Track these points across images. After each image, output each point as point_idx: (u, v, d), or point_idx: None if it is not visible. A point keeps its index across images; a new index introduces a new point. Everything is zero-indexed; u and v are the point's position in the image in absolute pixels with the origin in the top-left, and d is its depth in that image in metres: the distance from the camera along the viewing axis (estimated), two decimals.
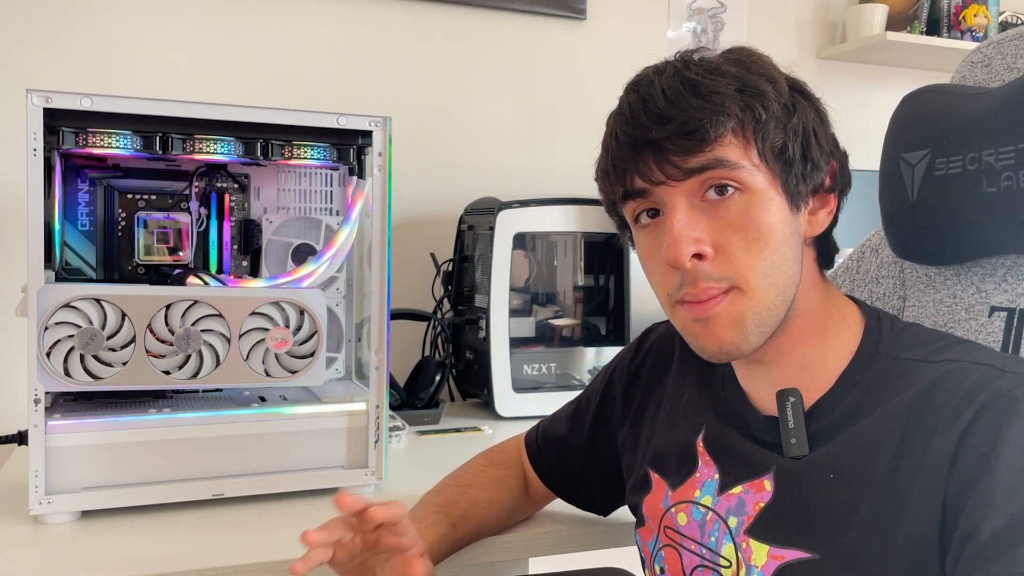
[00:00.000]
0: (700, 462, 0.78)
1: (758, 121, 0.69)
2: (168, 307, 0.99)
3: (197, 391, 1.16)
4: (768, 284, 0.70)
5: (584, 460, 0.95)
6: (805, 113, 0.72)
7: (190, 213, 1.15)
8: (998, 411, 0.63)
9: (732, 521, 0.73)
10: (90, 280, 1.13)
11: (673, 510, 0.79)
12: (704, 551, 0.75)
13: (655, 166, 0.70)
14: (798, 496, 0.70)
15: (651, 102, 0.70)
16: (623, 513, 0.94)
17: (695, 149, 0.68)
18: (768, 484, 0.72)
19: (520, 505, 0.98)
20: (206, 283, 1.07)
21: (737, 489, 0.74)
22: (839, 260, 0.83)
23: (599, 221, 1.57)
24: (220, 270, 1.17)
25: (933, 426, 0.65)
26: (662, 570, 0.80)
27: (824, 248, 0.78)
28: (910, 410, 0.67)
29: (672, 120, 0.69)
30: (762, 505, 0.72)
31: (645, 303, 1.54)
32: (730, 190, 0.69)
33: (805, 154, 0.71)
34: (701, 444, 0.79)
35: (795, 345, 0.74)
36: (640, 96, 0.71)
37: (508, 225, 1.49)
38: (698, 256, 0.69)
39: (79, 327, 0.95)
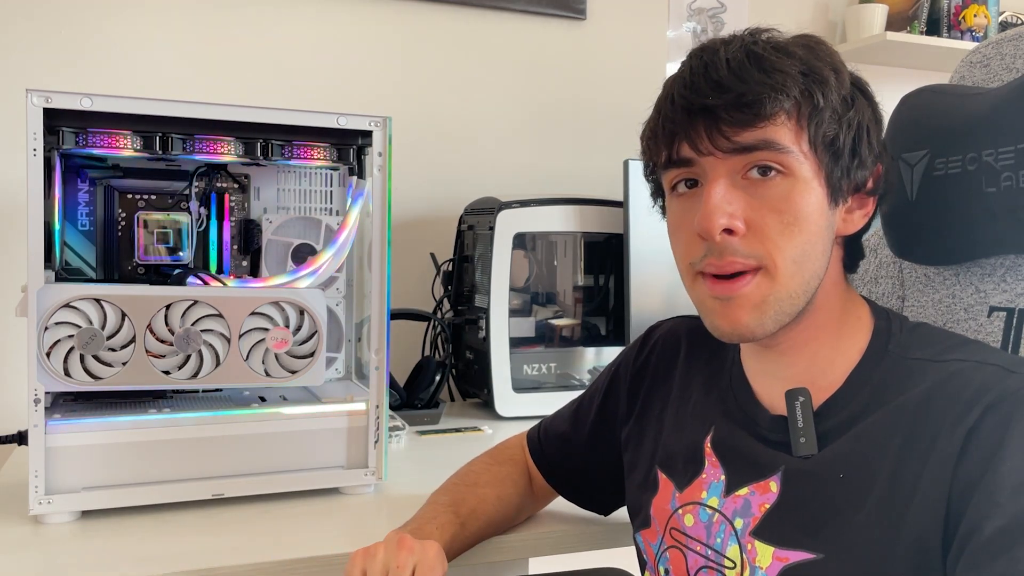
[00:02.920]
0: (707, 463, 0.78)
1: (815, 107, 0.69)
2: (168, 307, 0.99)
3: (197, 391, 1.16)
4: (795, 271, 0.70)
5: (586, 457, 0.95)
6: (862, 110, 0.72)
7: (190, 213, 1.15)
8: (1004, 411, 0.63)
9: (738, 523, 0.73)
10: (90, 280, 1.13)
11: (680, 511, 0.79)
12: (709, 552, 0.75)
13: (705, 134, 0.69)
14: (805, 496, 0.70)
15: (713, 69, 0.70)
16: (623, 513, 0.94)
17: (749, 123, 0.68)
18: (774, 485, 0.72)
19: (526, 501, 0.98)
20: (206, 283, 1.07)
21: (743, 491, 0.74)
22: None
23: (599, 221, 1.57)
24: (220, 270, 1.17)
25: (939, 425, 0.65)
26: (667, 571, 0.80)
27: (852, 250, 0.78)
28: (917, 409, 0.67)
29: (731, 90, 0.68)
30: (768, 507, 0.72)
31: (645, 303, 1.54)
32: (773, 172, 0.69)
33: (855, 150, 0.71)
34: (709, 446, 0.79)
35: (808, 340, 0.74)
36: (703, 62, 0.71)
37: (508, 225, 1.49)
38: (729, 232, 0.69)
39: (79, 327, 0.95)
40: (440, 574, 0.75)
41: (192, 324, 1.00)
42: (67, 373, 0.96)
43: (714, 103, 0.68)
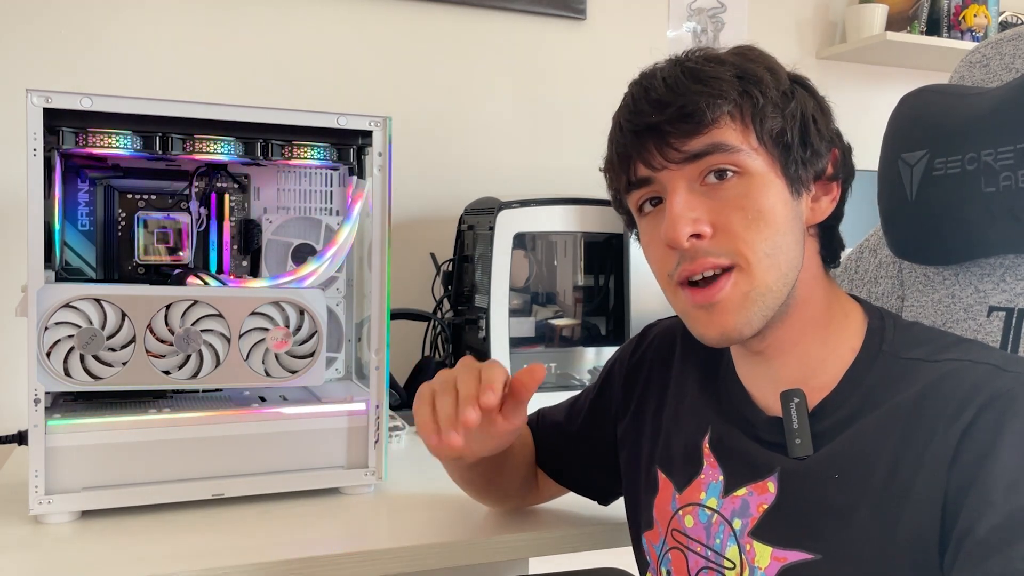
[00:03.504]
0: (705, 463, 0.78)
1: (755, 105, 0.71)
2: (168, 307, 0.99)
3: (197, 391, 1.16)
4: (769, 264, 0.70)
5: (575, 446, 0.95)
6: (804, 101, 0.74)
7: (190, 213, 1.15)
8: (998, 410, 0.63)
9: (737, 523, 0.73)
10: (90, 280, 1.13)
11: (681, 512, 0.79)
12: (709, 553, 0.75)
13: (656, 150, 0.72)
14: (802, 497, 0.70)
15: (652, 90, 0.73)
16: (623, 513, 0.94)
17: (693, 132, 0.70)
18: (772, 486, 0.72)
19: (534, 471, 0.99)
20: (206, 283, 1.07)
21: (741, 491, 0.74)
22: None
23: (599, 221, 1.57)
24: (220, 270, 1.17)
25: (934, 425, 0.65)
26: (668, 573, 0.80)
27: (828, 242, 0.78)
28: (911, 409, 0.67)
29: (671, 104, 0.71)
30: (766, 507, 0.72)
31: (645, 303, 1.54)
32: (729, 174, 0.71)
33: (804, 139, 0.73)
34: (707, 446, 0.79)
35: (797, 339, 0.75)
36: (642, 87, 0.74)
37: (508, 225, 1.49)
38: (696, 237, 0.70)
39: (79, 327, 0.95)
40: (504, 373, 0.75)
41: (192, 324, 1.00)
42: (67, 373, 0.96)
43: (658, 120, 0.71)
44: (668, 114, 0.71)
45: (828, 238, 0.78)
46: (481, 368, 0.76)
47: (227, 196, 1.18)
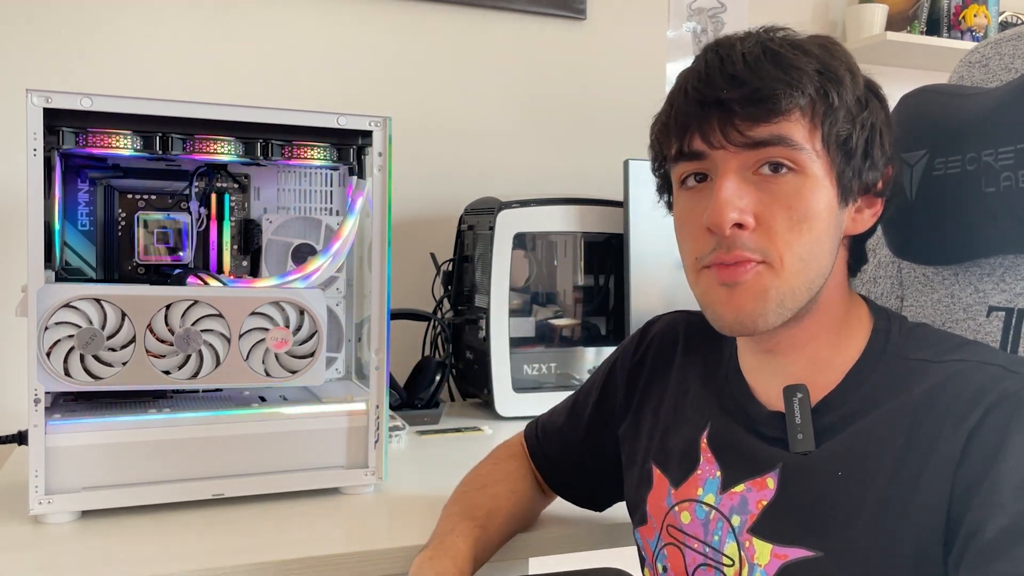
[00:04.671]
0: (702, 459, 0.78)
1: (830, 106, 0.69)
2: (168, 307, 0.99)
3: (197, 391, 1.16)
4: (801, 268, 0.70)
5: (582, 452, 0.95)
6: (876, 112, 0.72)
7: (190, 213, 1.15)
8: (1006, 411, 0.63)
9: (735, 520, 0.73)
10: (90, 280, 1.13)
11: (677, 508, 0.79)
12: (707, 550, 0.75)
13: (718, 128, 0.69)
14: (803, 493, 0.70)
15: (728, 63, 0.70)
16: (622, 513, 0.94)
17: (763, 118, 0.68)
18: (771, 482, 0.72)
19: (538, 495, 0.98)
20: (206, 283, 1.07)
21: (740, 487, 0.74)
22: None
23: (599, 221, 1.57)
24: (220, 270, 1.17)
25: (941, 425, 0.65)
26: (664, 569, 0.80)
27: (856, 253, 0.78)
28: (918, 408, 0.67)
29: (747, 84, 0.68)
30: (765, 503, 0.72)
31: (645, 303, 1.54)
32: (784, 169, 0.69)
33: (867, 151, 0.71)
34: (705, 441, 0.79)
35: (809, 340, 0.74)
36: (719, 56, 0.71)
37: (508, 225, 1.49)
38: (739, 226, 0.69)
39: (79, 327, 0.95)
40: None
41: (192, 324, 1.00)
42: (67, 373, 0.96)
43: (729, 97, 0.68)
44: (741, 93, 0.68)
45: (857, 250, 0.78)
46: None
47: (227, 196, 1.18)
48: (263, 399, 1.13)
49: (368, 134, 1.07)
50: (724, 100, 0.68)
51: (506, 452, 1.00)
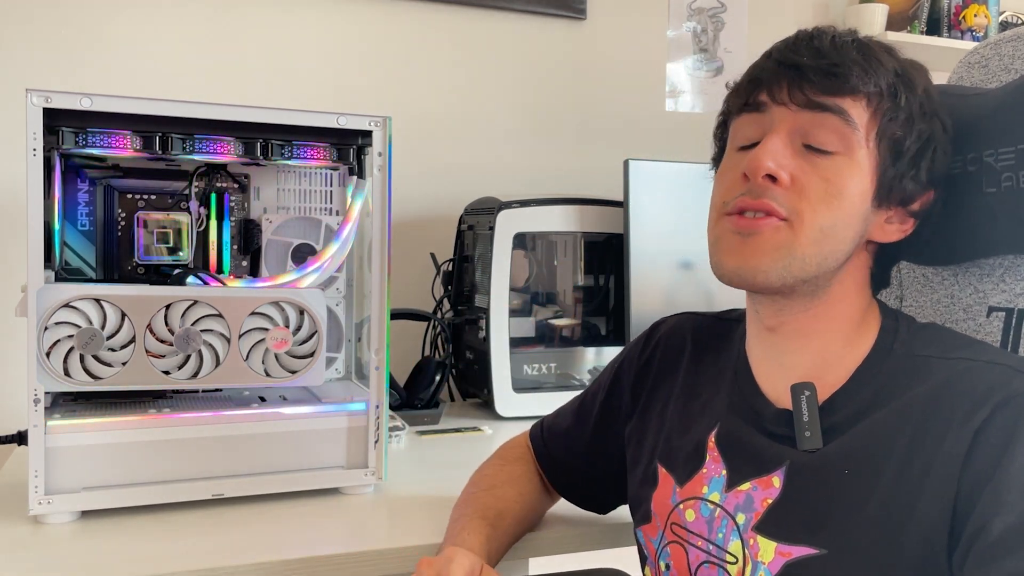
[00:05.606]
0: (708, 458, 0.78)
1: (896, 105, 0.72)
2: (168, 307, 0.99)
3: (197, 391, 1.16)
4: (818, 237, 0.71)
5: (589, 454, 0.95)
6: (937, 131, 0.75)
7: (190, 213, 1.15)
8: (1013, 411, 0.63)
9: (740, 518, 0.73)
10: (90, 280, 1.13)
11: (681, 507, 0.79)
12: (711, 547, 0.75)
13: (786, 85, 0.72)
14: (808, 491, 0.70)
15: (817, 39, 0.73)
16: (623, 513, 0.94)
17: (831, 90, 0.71)
18: (777, 481, 0.72)
19: (544, 496, 0.98)
20: (206, 283, 1.07)
21: (745, 486, 0.74)
22: None
23: (599, 221, 1.57)
24: (220, 270, 1.17)
25: (947, 423, 0.65)
26: (667, 566, 0.80)
27: (881, 266, 0.78)
28: (924, 406, 0.67)
29: (826, 58, 0.71)
30: (770, 502, 0.72)
31: (645, 303, 1.54)
32: (832, 152, 0.71)
33: (916, 160, 0.73)
34: (713, 440, 0.79)
35: (818, 331, 0.75)
36: (810, 34, 0.75)
37: (508, 225, 1.49)
38: (773, 180, 0.71)
39: (79, 327, 0.95)
40: (462, 564, 0.72)
41: (192, 324, 1.00)
42: (67, 373, 0.96)
43: (807, 63, 0.71)
44: (819, 63, 0.71)
45: (882, 264, 0.78)
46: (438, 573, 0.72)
47: (227, 196, 1.18)
48: (263, 399, 1.13)
49: (368, 134, 1.07)
50: (801, 65, 0.72)
51: (511, 454, 1.00)
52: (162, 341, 0.99)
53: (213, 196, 1.17)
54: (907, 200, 0.74)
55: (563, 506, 1.00)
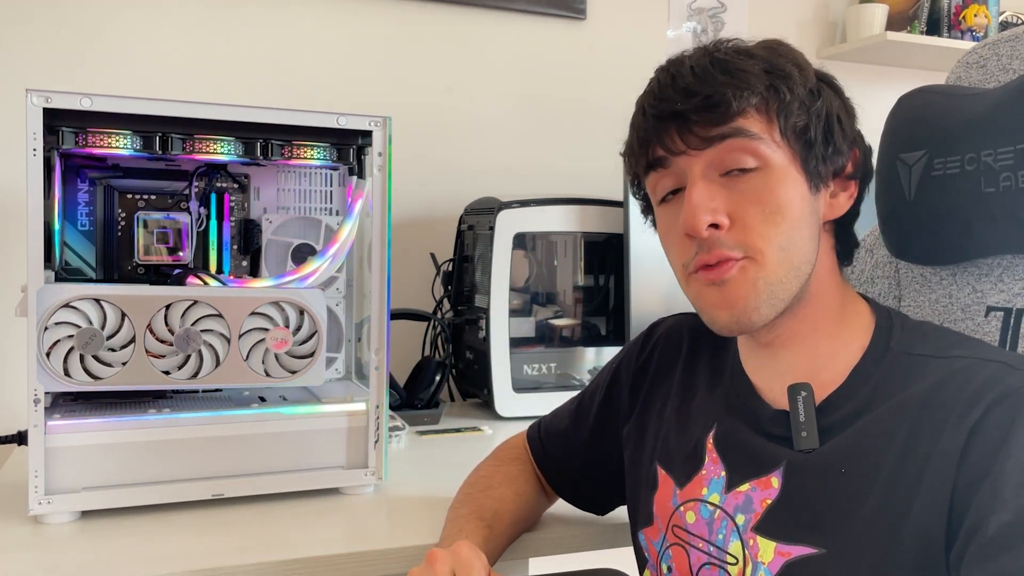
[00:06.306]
0: (707, 459, 0.79)
1: (782, 101, 0.72)
2: (168, 307, 0.99)
3: (197, 391, 1.16)
4: (782, 257, 0.71)
5: (586, 455, 0.95)
6: (830, 100, 0.75)
7: (190, 213, 1.15)
8: (1009, 408, 0.63)
9: (740, 519, 0.74)
10: (90, 280, 1.13)
11: (682, 509, 0.79)
12: (712, 549, 0.75)
13: (677, 136, 0.72)
14: (807, 491, 0.71)
15: (679, 78, 0.73)
16: (622, 513, 0.94)
17: (718, 121, 0.71)
18: (775, 481, 0.72)
19: (542, 496, 0.98)
20: (206, 283, 1.07)
21: (744, 487, 0.74)
22: None
23: (599, 221, 1.57)
24: (220, 270, 1.17)
25: (943, 420, 0.65)
26: (669, 569, 0.80)
27: (843, 239, 0.79)
28: (920, 404, 0.67)
29: (697, 94, 0.71)
30: (769, 502, 0.72)
31: (645, 303, 1.54)
32: (750, 169, 0.71)
33: (827, 137, 0.74)
34: (711, 442, 0.79)
35: (807, 334, 0.75)
36: (670, 74, 0.74)
37: (508, 225, 1.49)
38: (715, 227, 0.71)
39: (79, 327, 0.95)
40: (479, 566, 0.71)
41: (192, 324, 1.00)
42: (67, 373, 0.96)
43: (683, 108, 0.72)
44: (694, 103, 0.71)
45: (843, 235, 0.79)
46: (454, 569, 0.71)
47: (227, 196, 1.18)
48: (263, 399, 1.14)
49: (368, 134, 1.07)
50: (680, 111, 0.72)
51: (508, 454, 1.00)
52: (162, 341, 0.99)
53: (213, 196, 1.17)
54: (839, 171, 0.76)
55: (562, 506, 1.00)
